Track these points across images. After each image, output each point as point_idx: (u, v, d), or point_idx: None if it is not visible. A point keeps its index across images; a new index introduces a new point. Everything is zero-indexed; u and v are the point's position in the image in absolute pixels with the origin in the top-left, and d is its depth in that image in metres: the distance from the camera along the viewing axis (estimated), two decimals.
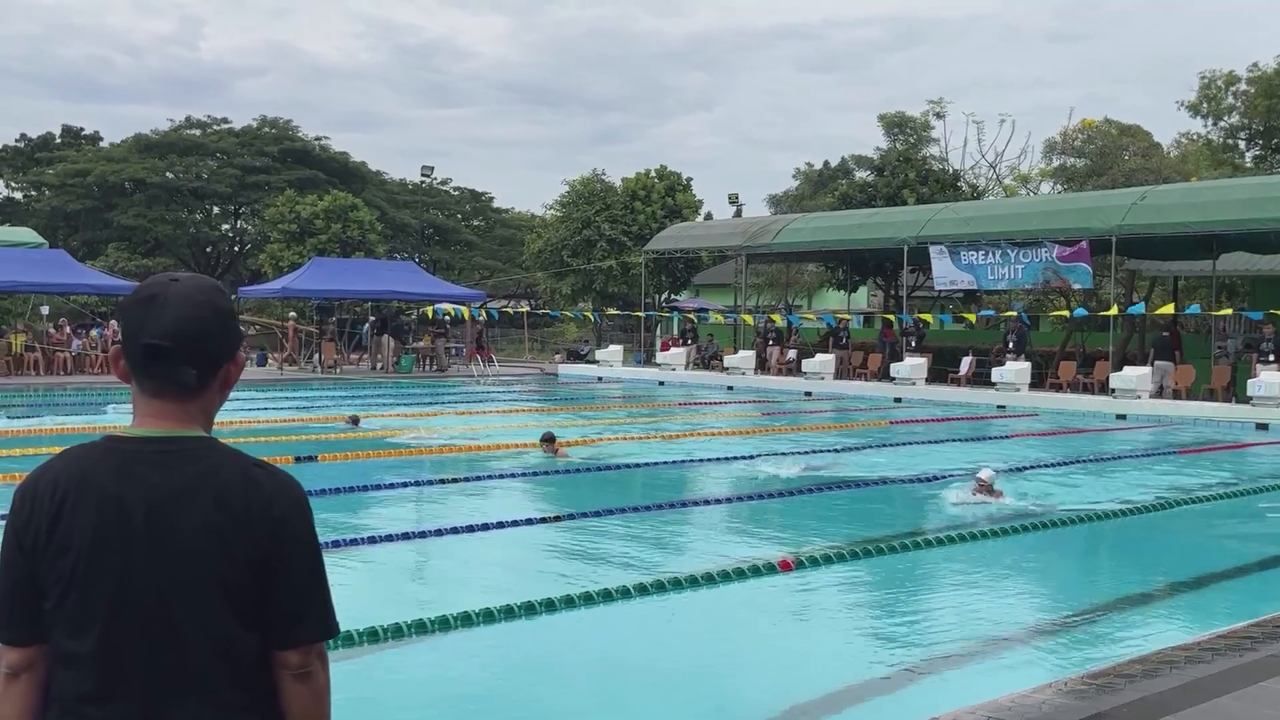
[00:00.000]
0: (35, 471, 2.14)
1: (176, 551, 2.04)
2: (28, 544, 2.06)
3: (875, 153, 43.31)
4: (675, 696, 6.15)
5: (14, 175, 64.89)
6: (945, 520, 10.95)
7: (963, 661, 6.77)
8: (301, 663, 2.11)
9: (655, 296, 41.86)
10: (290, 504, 2.13)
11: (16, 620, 2.08)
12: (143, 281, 2.20)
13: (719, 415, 23.57)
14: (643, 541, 9.96)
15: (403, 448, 15.90)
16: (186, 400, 2.12)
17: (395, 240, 60.99)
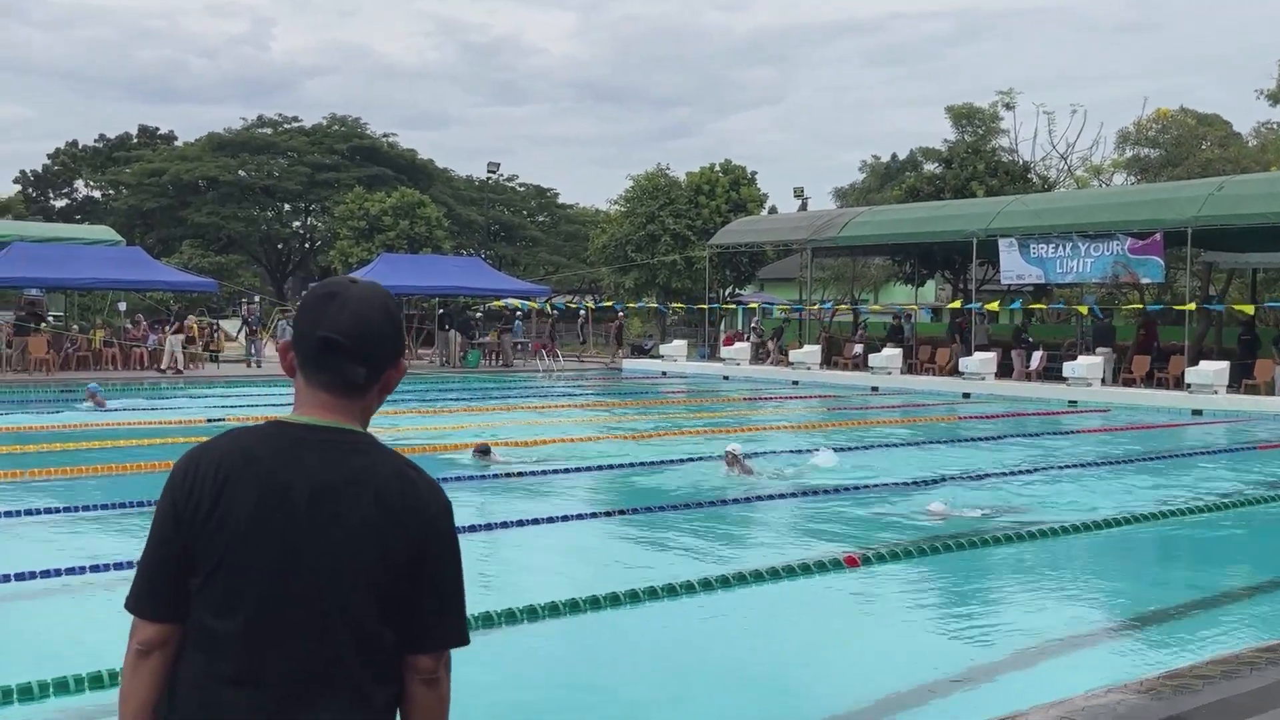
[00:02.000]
0: (197, 448, 2.14)
1: (334, 541, 2.05)
2: (186, 518, 2.05)
3: (943, 145, 42.76)
4: (742, 690, 6.14)
5: (93, 175, 66.45)
6: (1014, 517, 10.80)
7: (1035, 660, 6.69)
8: (432, 668, 2.12)
9: (719, 291, 41.74)
10: (441, 508, 2.16)
11: (160, 596, 2.07)
12: (321, 280, 2.26)
13: (784, 411, 23.47)
14: (709, 536, 9.94)
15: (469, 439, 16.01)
16: (351, 397, 2.15)
17: (462, 236, 61.47)
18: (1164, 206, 26.96)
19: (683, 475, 13.20)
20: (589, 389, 29.40)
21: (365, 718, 2.05)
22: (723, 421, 20.50)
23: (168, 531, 2.07)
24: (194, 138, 64.55)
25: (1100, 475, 13.98)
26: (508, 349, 37.27)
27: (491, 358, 36.85)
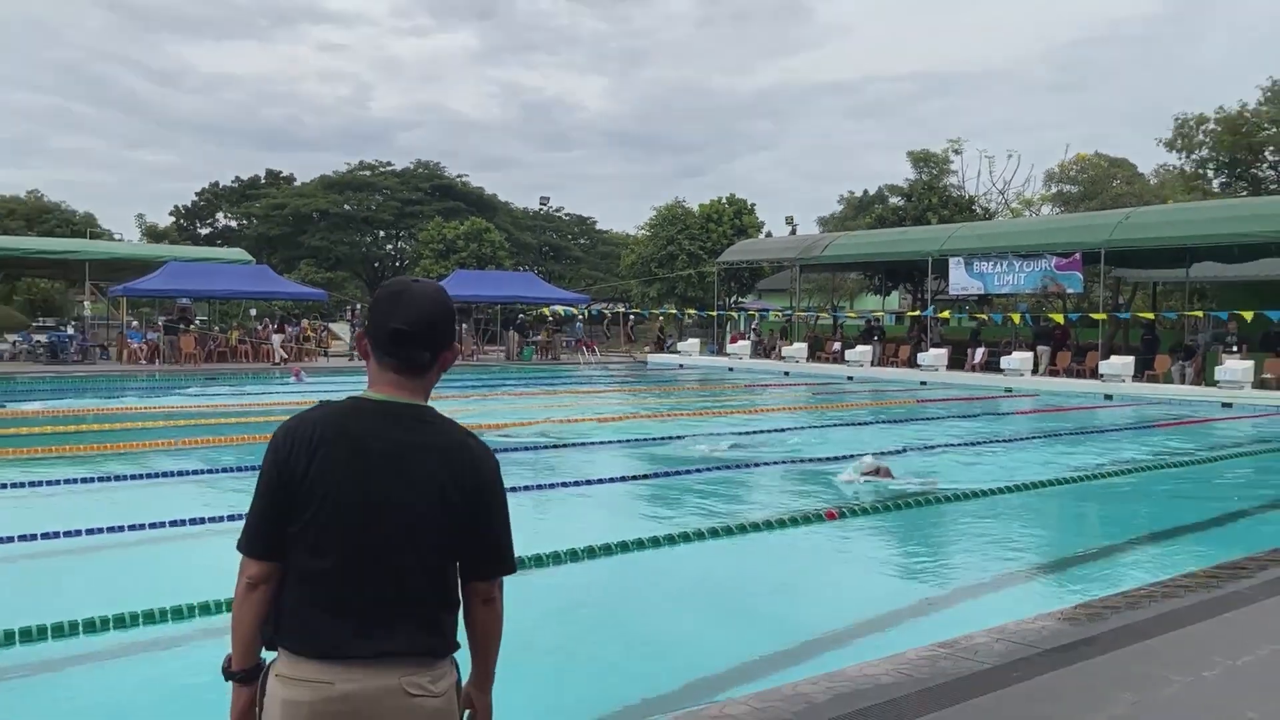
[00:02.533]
0: (294, 419, 2.14)
1: (408, 493, 2.05)
2: (286, 475, 2.05)
3: (905, 182, 42.50)
4: (739, 616, 6.15)
5: (230, 208, 66.86)
6: (963, 478, 10.74)
7: (977, 594, 6.67)
8: (489, 591, 2.16)
9: (725, 299, 41.61)
10: (493, 468, 2.17)
11: (266, 538, 2.06)
12: (389, 281, 2.23)
13: (777, 395, 23.38)
14: (715, 495, 9.93)
15: (526, 419, 16.04)
16: (417, 376, 2.14)
17: (519, 256, 61.47)
18: (1082, 232, 26.73)
19: (695, 445, 13.19)
20: (621, 378, 29.41)
21: (433, 637, 2.07)
22: (729, 404, 20.46)
23: (272, 486, 2.07)
24: (309, 179, 64.88)
25: (1029, 446, 13.88)
26: (557, 345, 37.30)
27: (543, 353, 36.89)
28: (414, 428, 2.10)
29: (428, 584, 2.06)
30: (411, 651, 2.03)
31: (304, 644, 2.02)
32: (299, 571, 2.05)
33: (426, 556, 2.06)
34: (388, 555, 2.03)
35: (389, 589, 2.03)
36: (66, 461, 11.22)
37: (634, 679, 5.01)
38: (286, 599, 2.06)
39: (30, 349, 29.47)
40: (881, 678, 4.37)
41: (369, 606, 2.02)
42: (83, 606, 5.51)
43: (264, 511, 2.08)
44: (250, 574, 2.07)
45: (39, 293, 48.78)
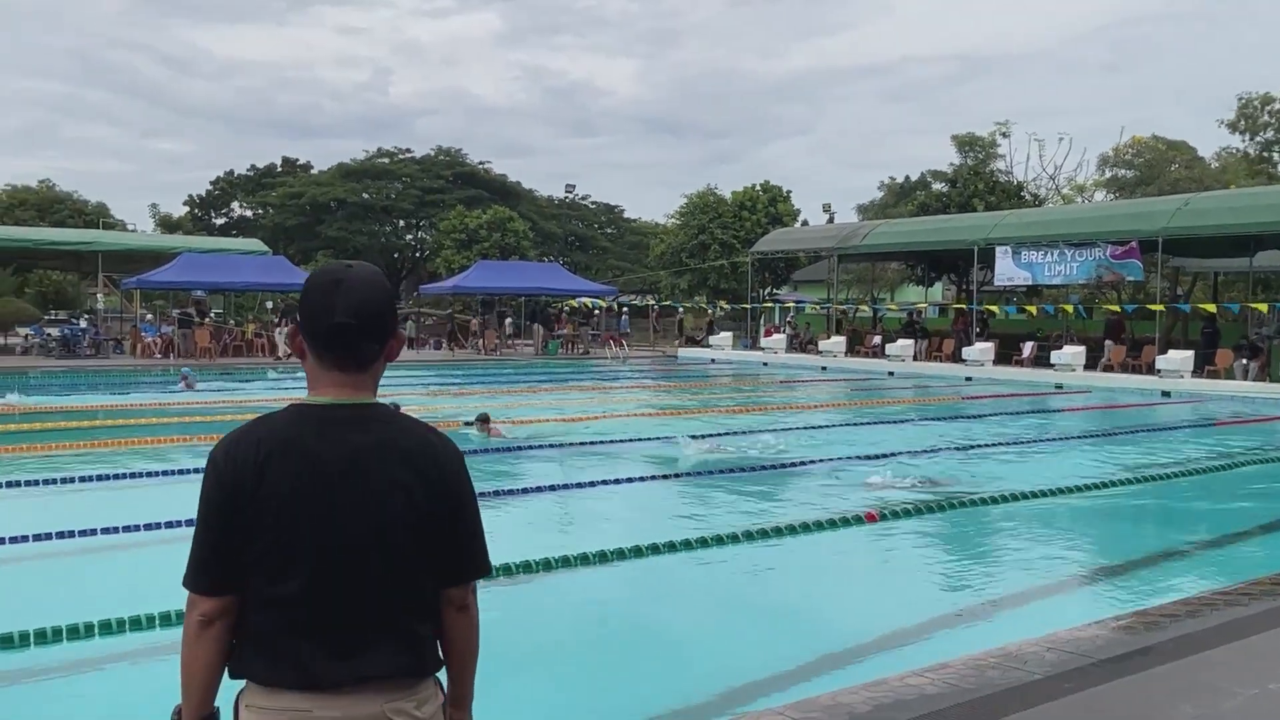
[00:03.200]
0: (233, 435, 2.01)
1: (372, 504, 1.95)
2: (234, 499, 1.92)
3: (949, 168, 42.13)
4: (774, 623, 6.14)
5: (246, 197, 67.56)
6: (1010, 479, 10.65)
7: (1025, 601, 6.62)
8: (463, 597, 2.06)
9: (759, 291, 41.50)
10: (459, 464, 2.07)
11: (217, 571, 1.93)
12: (320, 267, 2.09)
13: (814, 391, 23.31)
14: (749, 496, 9.92)
15: (553, 414, 16.10)
16: (363, 371, 2.02)
17: (544, 246, 61.68)
18: (1138, 219, 26.35)
19: (724, 444, 13.17)
20: (650, 373, 29.42)
21: (413, 654, 1.99)
22: (763, 401, 20.43)
23: (217, 512, 1.94)
24: (326, 167, 65.41)
25: (1080, 446, 13.74)
26: (585, 339, 37.39)
27: (569, 347, 37.00)
28: (369, 429, 1.99)
29: (403, 598, 1.98)
30: (393, 674, 1.95)
31: (275, 674, 1.92)
32: (261, 599, 1.93)
33: (399, 568, 1.97)
34: (358, 572, 1.94)
35: (363, 608, 1.94)
36: (81, 458, 11.39)
37: (666, 686, 5.02)
38: (250, 628, 1.95)
39: (43, 343, 29.96)
40: (925, 688, 4.35)
41: (343, 629, 1.93)
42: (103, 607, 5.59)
43: (211, 541, 1.94)
44: (202, 611, 1.94)
45: (51, 285, 49.53)
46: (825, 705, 4.17)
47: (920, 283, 41.15)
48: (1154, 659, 4.69)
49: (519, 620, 5.86)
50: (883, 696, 4.26)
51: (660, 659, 5.52)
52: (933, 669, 4.60)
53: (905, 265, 41.61)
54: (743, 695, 4.81)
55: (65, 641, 5.32)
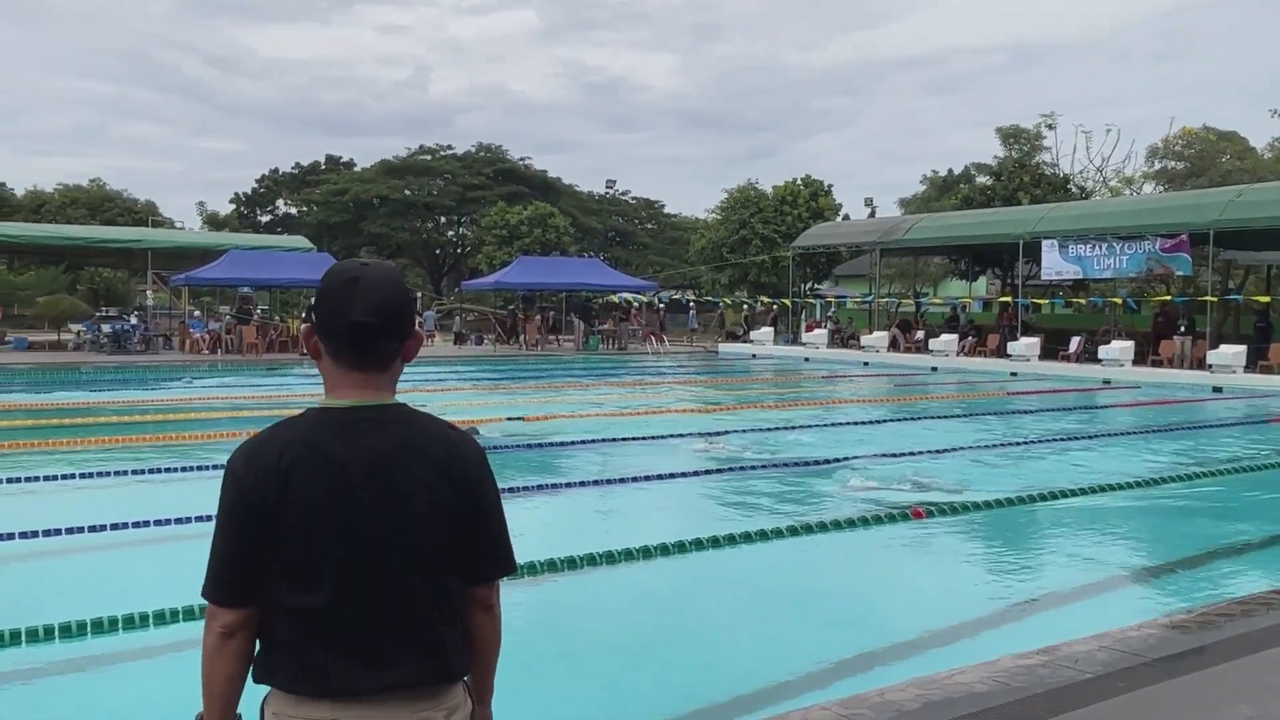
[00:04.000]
0: (252, 442, 1.96)
1: (398, 507, 1.91)
2: (256, 509, 1.88)
3: (993, 160, 41.62)
4: (820, 619, 6.12)
5: (290, 195, 68.43)
6: (1057, 476, 10.52)
7: (1075, 599, 6.53)
8: (488, 596, 2.04)
9: (801, 286, 41.28)
10: (480, 461, 2.03)
11: (238, 584, 1.89)
12: (334, 266, 2.01)
13: (856, 386, 23.17)
14: (794, 491, 9.88)
15: (593, 409, 16.14)
16: (382, 371, 1.98)
17: (584, 241, 61.83)
18: (1189, 211, 25.89)
19: (766, 440, 13.13)
20: (691, 369, 29.39)
21: (439, 660, 1.95)
22: (804, 396, 20.33)
23: (237, 523, 1.89)
24: (369, 164, 65.99)
25: (1129, 442, 13.52)
26: (624, 335, 37.43)
27: (609, 342, 37.06)
28: (391, 431, 1.95)
29: (431, 602, 1.94)
30: (420, 682, 1.92)
31: (302, 683, 1.89)
32: (286, 608, 1.89)
33: (426, 571, 1.94)
34: (386, 580, 1.91)
35: (391, 616, 1.91)
36: (130, 452, 11.61)
37: (710, 681, 5.02)
38: (275, 637, 1.91)
39: (95, 339, 30.56)
40: (975, 686, 4.32)
41: (371, 638, 1.90)
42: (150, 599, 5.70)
43: (233, 552, 1.89)
44: (224, 623, 1.89)
45: (102, 282, 50.50)
46: (873, 702, 4.15)
47: (964, 277, 40.75)
48: (1209, 659, 4.61)
49: (561, 615, 5.89)
50: (931, 694, 4.23)
51: (705, 654, 5.52)
52: (981, 667, 4.56)
53: (948, 259, 41.22)
54: (788, 690, 4.79)
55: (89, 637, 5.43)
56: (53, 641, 5.29)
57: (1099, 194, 40.72)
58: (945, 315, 34.02)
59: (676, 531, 7.56)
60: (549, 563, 6.46)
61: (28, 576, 6.87)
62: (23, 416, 15.09)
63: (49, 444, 12.20)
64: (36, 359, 27.35)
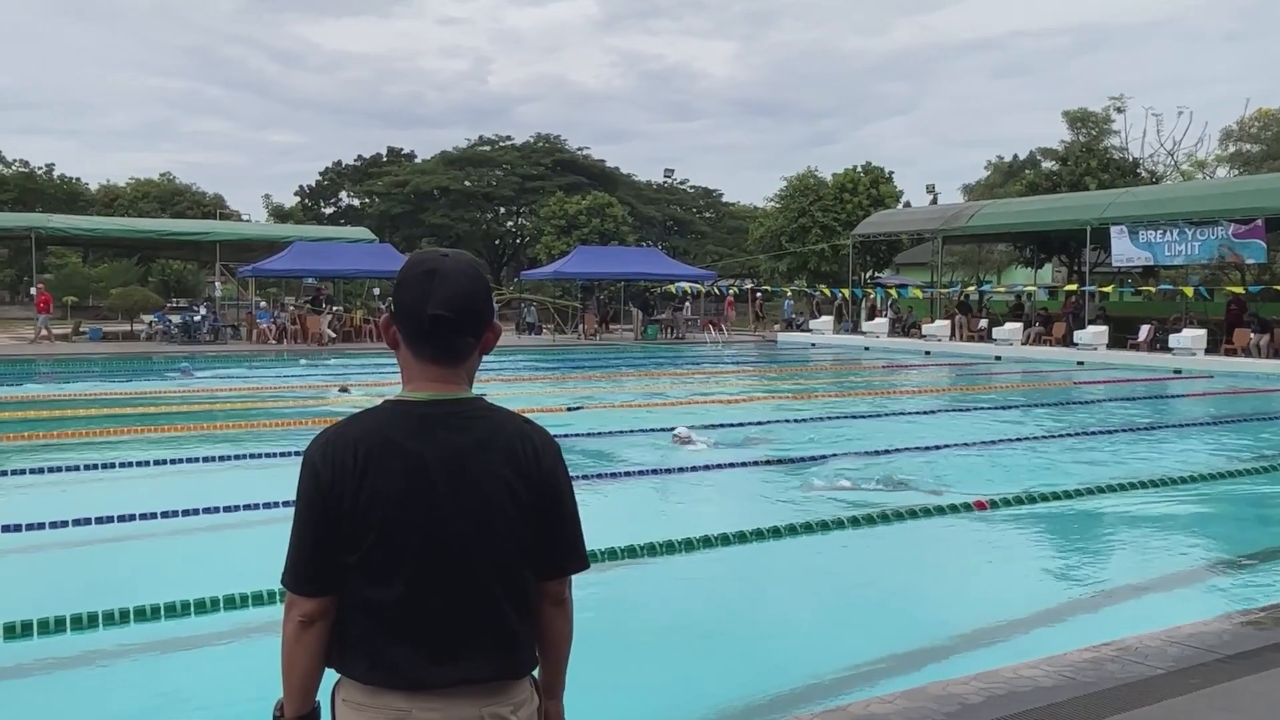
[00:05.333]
0: (329, 434, 1.96)
1: (475, 502, 1.91)
2: (333, 502, 1.88)
3: (1060, 145, 40.73)
4: (880, 611, 6.08)
5: (353, 187, 69.36)
6: (1124, 467, 10.31)
7: (1143, 594, 6.41)
8: (560, 592, 2.04)
9: (861, 274, 40.89)
10: (556, 455, 2.02)
11: (316, 574, 1.90)
12: (414, 256, 2.01)
13: (917, 376, 22.89)
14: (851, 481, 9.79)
15: (655, 399, 16.18)
16: (458, 364, 1.97)
17: (642, 231, 61.78)
18: (1264, 195, 25.08)
19: (824, 429, 13.05)
20: (749, 358, 29.28)
21: (510, 656, 1.96)
22: (864, 385, 20.15)
23: (316, 515, 1.90)
24: (429, 155, 66.58)
25: (1201, 433, 13.19)
26: (681, 324, 37.39)
27: (667, 331, 37.04)
28: (467, 426, 1.94)
29: (505, 598, 1.94)
30: (492, 676, 1.92)
31: (375, 674, 1.90)
32: (361, 600, 1.90)
33: (501, 565, 1.94)
34: (460, 574, 1.91)
35: (464, 611, 1.91)
36: (207, 440, 11.92)
37: (770, 671, 5.02)
38: (350, 627, 1.92)
39: (165, 329, 31.35)
40: (1040, 680, 4.27)
41: (445, 633, 1.90)
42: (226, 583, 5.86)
43: (312, 544, 1.91)
44: (303, 612, 1.91)
45: (172, 274, 51.74)
46: (936, 695, 4.12)
47: (1028, 265, 39.98)
48: None
49: (621, 605, 5.93)
50: (995, 687, 4.19)
51: (765, 645, 5.52)
52: (1047, 661, 4.51)
53: (1013, 247, 40.47)
54: (850, 683, 4.78)
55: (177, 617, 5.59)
56: (128, 624, 5.45)
57: (1170, 178, 39.67)
58: (1009, 303, 33.40)
59: (735, 521, 7.56)
60: (609, 551, 6.50)
61: (109, 560, 7.09)
62: (100, 405, 15.55)
63: (125, 431, 12.56)
64: (110, 349, 28.14)
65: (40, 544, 7.16)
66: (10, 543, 7.13)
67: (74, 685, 4.94)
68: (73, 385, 18.87)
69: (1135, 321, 28.17)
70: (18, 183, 57.56)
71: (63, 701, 4.79)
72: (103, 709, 4.66)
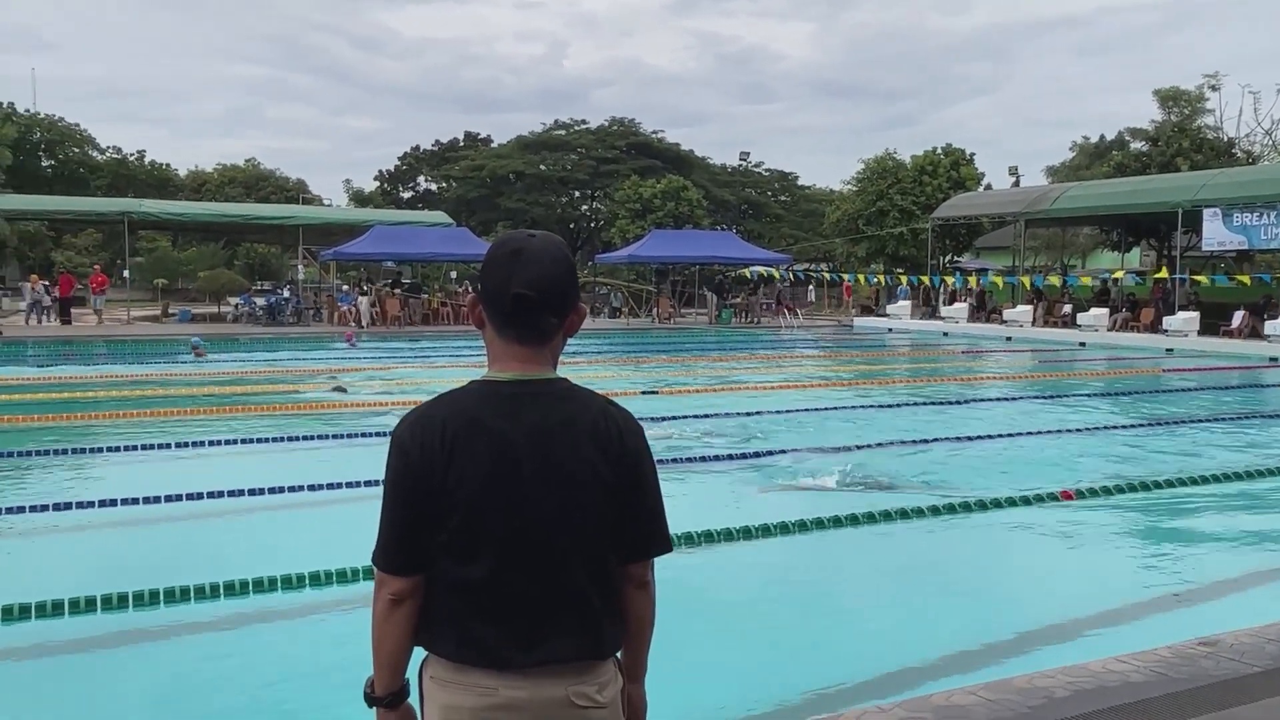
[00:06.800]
0: (416, 414, 1.97)
1: (560, 483, 1.93)
2: (422, 482, 1.90)
3: (1150, 125, 39.42)
4: (963, 601, 5.98)
5: (430, 172, 70.28)
6: (1216, 461, 9.97)
7: (1232, 589, 6.20)
8: (643, 573, 2.03)
9: (940, 258, 40.16)
10: (639, 436, 2.02)
11: (405, 552, 1.93)
12: (501, 236, 2.03)
13: (998, 361, 22.43)
14: (936, 469, 9.65)
15: (733, 383, 16.11)
16: (542, 345, 1.98)
17: (717, 214, 61.49)
18: None
19: (902, 416, 12.86)
20: (824, 343, 28.99)
21: (595, 637, 1.97)
22: (944, 370, 19.82)
23: (405, 494, 1.92)
24: (505, 140, 67.11)
25: None
26: (756, 308, 37.18)
27: (741, 315, 36.85)
28: (553, 406, 1.96)
29: (589, 580, 1.95)
30: (576, 657, 1.94)
31: (462, 652, 1.93)
32: (449, 582, 1.93)
33: (586, 547, 1.95)
34: (545, 554, 1.92)
35: (550, 592, 1.93)
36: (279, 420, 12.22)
37: (849, 659, 4.98)
38: (438, 606, 1.95)
39: (251, 311, 32.22)
40: (1130, 675, 4.15)
41: (529, 613, 1.92)
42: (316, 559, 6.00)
43: (400, 522, 1.93)
44: (392, 590, 1.94)
45: (257, 257, 53.06)
46: (1020, 687, 4.04)
47: (1115, 249, 38.86)
48: None
49: (697, 590, 5.92)
50: (1083, 681, 4.09)
51: (845, 632, 5.48)
52: (1136, 655, 4.38)
53: (1099, 230, 39.35)
54: (930, 672, 4.72)
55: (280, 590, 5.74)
56: (218, 598, 5.63)
57: (1267, 159, 38.14)
58: (1094, 288, 32.49)
59: (813, 508, 7.50)
60: (685, 536, 6.50)
61: (195, 536, 7.32)
62: (188, 385, 16.04)
63: (213, 411, 12.94)
64: (199, 330, 29.00)
65: (132, 519, 7.42)
66: (104, 518, 7.40)
67: (166, 656, 5.12)
68: (165, 367, 19.45)
69: (1228, 307, 27.20)
70: (111, 169, 59.60)
71: (159, 670, 4.95)
72: (193, 679, 4.81)
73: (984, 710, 3.81)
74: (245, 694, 4.62)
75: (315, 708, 4.49)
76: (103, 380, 16.37)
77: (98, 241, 49.87)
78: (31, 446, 10.24)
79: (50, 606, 5.35)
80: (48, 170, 56.77)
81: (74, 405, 13.18)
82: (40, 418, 11.93)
